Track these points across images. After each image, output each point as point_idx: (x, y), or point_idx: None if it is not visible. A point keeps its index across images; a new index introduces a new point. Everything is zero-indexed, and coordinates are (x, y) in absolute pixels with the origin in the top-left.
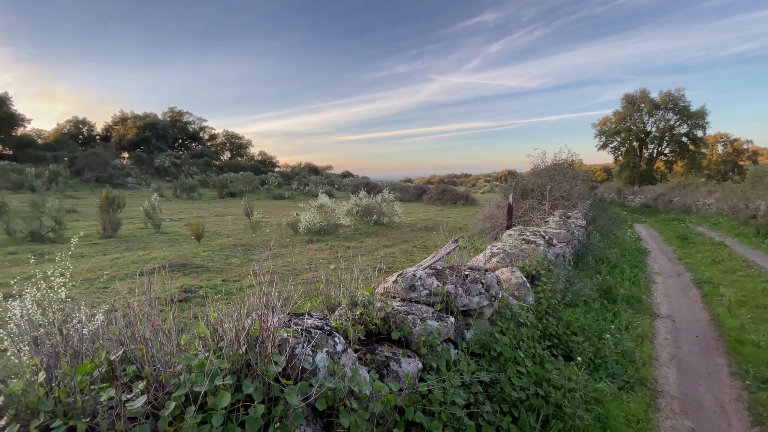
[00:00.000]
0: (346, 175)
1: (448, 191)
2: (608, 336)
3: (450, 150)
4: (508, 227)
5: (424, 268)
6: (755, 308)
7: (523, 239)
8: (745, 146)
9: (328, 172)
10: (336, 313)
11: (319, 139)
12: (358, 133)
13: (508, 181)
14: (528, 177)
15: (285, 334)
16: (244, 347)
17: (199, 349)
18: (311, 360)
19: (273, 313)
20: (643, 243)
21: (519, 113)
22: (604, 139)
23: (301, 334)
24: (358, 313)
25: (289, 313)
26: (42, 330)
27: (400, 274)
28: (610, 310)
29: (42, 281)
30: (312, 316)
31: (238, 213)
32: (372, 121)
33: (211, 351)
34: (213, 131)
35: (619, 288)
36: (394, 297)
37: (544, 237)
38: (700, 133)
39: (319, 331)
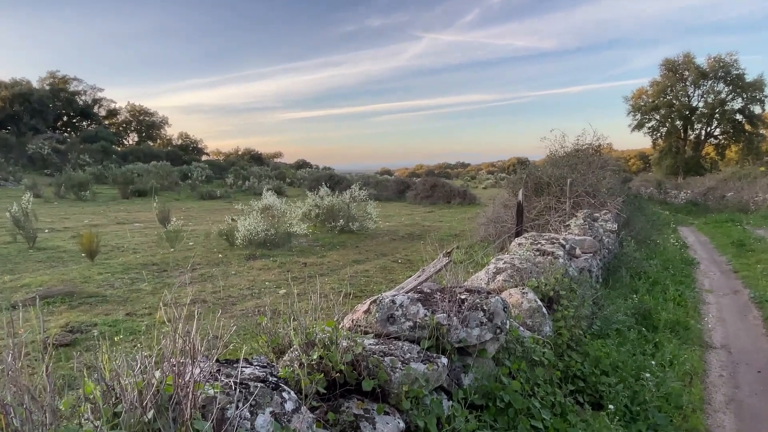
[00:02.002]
0: (302, 165)
1: (439, 186)
2: (648, 375)
3: (442, 132)
4: (518, 233)
5: (407, 292)
6: None
7: (537, 249)
8: None
9: (277, 161)
10: (286, 357)
11: (263, 117)
12: (317, 108)
13: (517, 173)
14: (543, 167)
15: (211, 391)
16: (152, 412)
17: (86, 416)
18: (249, 425)
19: (194, 361)
20: (690, 251)
21: (531, 83)
22: (639, 116)
23: (235, 389)
24: (315, 356)
25: (218, 360)
26: None
27: (375, 301)
28: (650, 340)
29: None
30: (251, 364)
31: (149, 219)
32: (336, 93)
33: (104, 419)
34: (113, 105)
35: (660, 311)
36: (367, 332)
37: (563, 246)
38: (758, 110)
39: (260, 385)
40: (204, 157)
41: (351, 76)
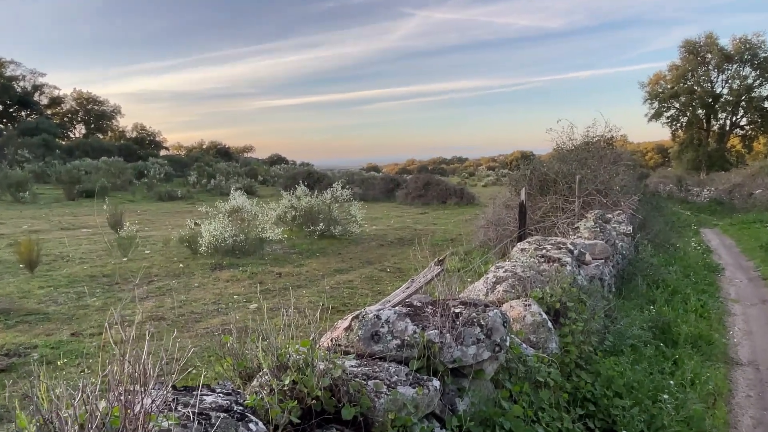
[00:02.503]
0: (277, 160)
1: (433, 184)
2: (666, 396)
3: (436, 122)
4: (521, 238)
5: (394, 306)
6: None
7: (542, 255)
8: None
9: (248, 156)
10: (254, 382)
11: (232, 105)
12: (293, 95)
13: (521, 169)
14: (549, 162)
15: (166, 423)
16: None
17: None
18: None
19: (146, 389)
20: (714, 256)
21: (536, 67)
22: (656, 105)
23: (193, 420)
24: (288, 381)
25: (175, 388)
26: None
27: (357, 317)
28: (669, 357)
29: None
30: (213, 391)
31: (98, 224)
32: (316, 78)
33: None
34: (56, 92)
35: (681, 324)
36: (348, 352)
37: (572, 251)
38: None
39: (223, 415)
40: (163, 152)
41: (333, 59)
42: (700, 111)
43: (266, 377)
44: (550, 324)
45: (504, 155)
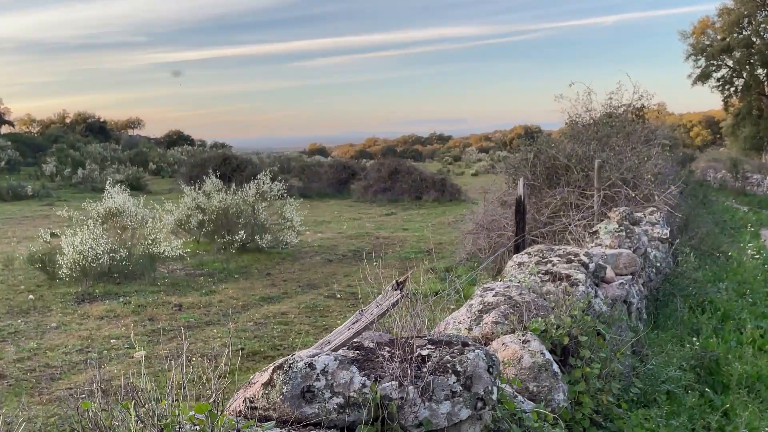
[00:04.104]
0: (176, 140)
1: (403, 174)
2: None
3: (409, 86)
4: (518, 247)
5: (336, 349)
6: None
7: (547, 272)
8: None
9: (134, 134)
10: None
11: (109, 60)
12: (199, 45)
13: (521, 151)
14: (559, 141)
15: None
16: None
17: None
18: None
19: None
20: None
21: (544, 9)
22: (702, 62)
23: None
24: None
25: None
26: None
27: (281, 367)
28: (717, 407)
29: None
30: None
31: None
32: (230, 21)
33: None
34: None
35: (733, 361)
36: (267, 417)
37: (586, 265)
38: None
39: None
40: (5, 129)
41: None
42: (760, 70)
43: None
44: (555, 367)
45: (501, 131)
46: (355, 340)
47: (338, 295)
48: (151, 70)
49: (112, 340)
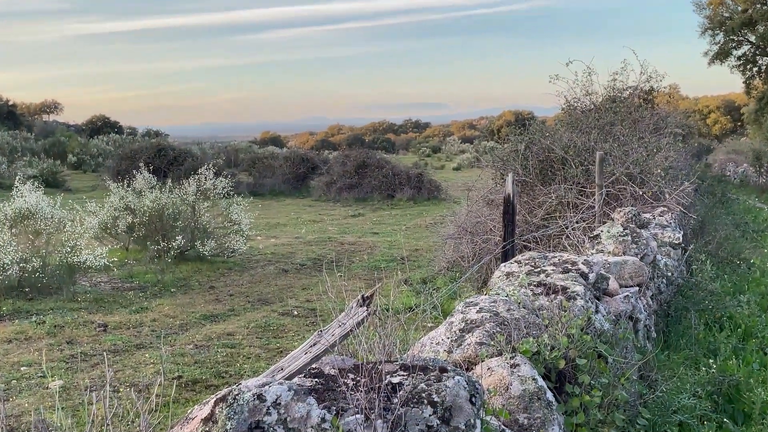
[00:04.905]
0: (101, 127)
1: (373, 167)
2: None
3: (377, 64)
4: (506, 255)
5: (290, 378)
6: None
7: (540, 283)
8: None
9: (50, 120)
10: None
11: (19, 32)
12: (128, 15)
13: (511, 142)
14: (555, 130)
15: None
16: None
17: None
18: None
19: None
20: None
21: None
22: (720, 37)
23: None
24: None
25: None
26: None
27: (224, 399)
28: None
29: None
30: None
31: None
32: None
33: None
34: None
35: (756, 387)
36: None
37: (586, 275)
38: None
39: None
40: None
41: None
42: None
43: None
44: (550, 395)
45: (488, 118)
46: (313, 365)
47: (295, 312)
48: (73, 44)
49: (22, 368)
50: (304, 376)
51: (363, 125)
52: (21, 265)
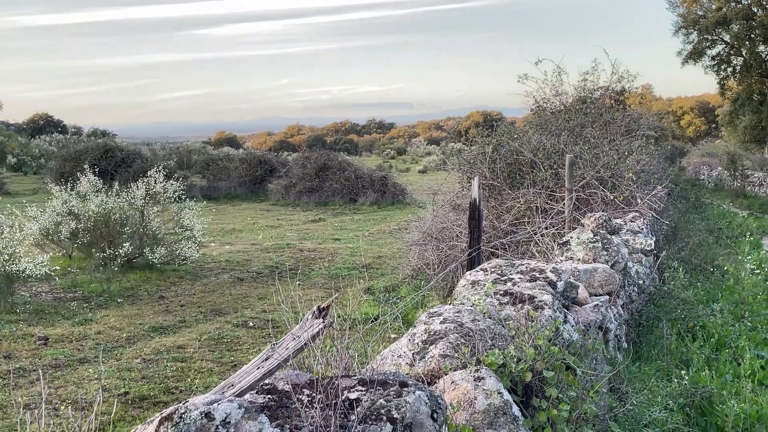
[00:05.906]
0: (43, 126)
1: (334, 170)
2: None
3: (340, 60)
4: (472, 262)
5: (242, 393)
6: None
7: (506, 292)
8: None
9: None
10: None
11: None
12: (74, 7)
13: (478, 144)
14: (523, 132)
15: None
16: None
17: None
18: None
19: None
20: None
21: None
22: (694, 37)
23: None
24: None
25: None
26: None
27: (169, 418)
28: None
29: None
30: None
31: None
32: None
33: None
34: None
35: (729, 399)
36: None
37: (554, 284)
38: None
39: None
40: None
41: None
42: (762, 47)
43: None
44: (516, 410)
45: (456, 119)
46: (266, 381)
47: (250, 324)
48: (10, 38)
49: None
50: (257, 393)
51: (324, 125)
52: None
